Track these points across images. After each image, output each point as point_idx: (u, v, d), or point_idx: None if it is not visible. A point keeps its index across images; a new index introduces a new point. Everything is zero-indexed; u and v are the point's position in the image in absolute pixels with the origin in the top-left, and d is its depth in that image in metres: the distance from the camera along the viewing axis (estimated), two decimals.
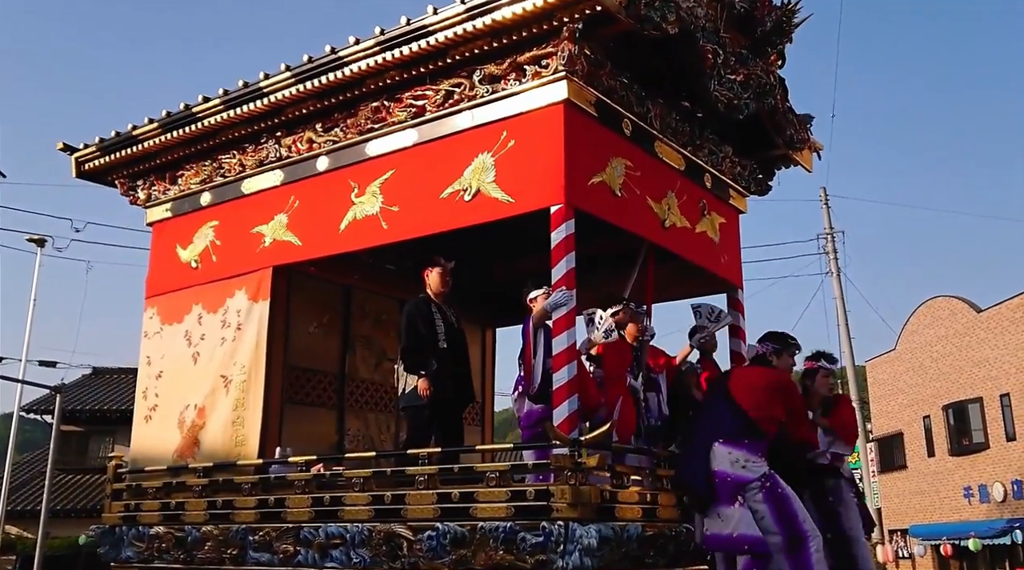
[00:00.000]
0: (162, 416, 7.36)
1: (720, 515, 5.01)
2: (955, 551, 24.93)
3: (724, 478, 5.03)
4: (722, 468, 5.05)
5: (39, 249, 22.63)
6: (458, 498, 5.29)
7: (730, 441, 5.10)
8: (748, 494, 5.01)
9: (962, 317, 25.75)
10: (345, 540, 5.69)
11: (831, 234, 23.60)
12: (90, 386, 28.85)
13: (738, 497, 5.01)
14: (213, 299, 7.26)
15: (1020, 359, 23.14)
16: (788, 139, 7.32)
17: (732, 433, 5.13)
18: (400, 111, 6.38)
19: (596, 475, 5.04)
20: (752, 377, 5.46)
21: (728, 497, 5.01)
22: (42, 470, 23.90)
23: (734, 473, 5.02)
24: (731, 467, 5.03)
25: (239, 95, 6.86)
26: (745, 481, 5.03)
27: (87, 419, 27.10)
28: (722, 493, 5.00)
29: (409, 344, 6.07)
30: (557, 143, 5.57)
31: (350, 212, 6.54)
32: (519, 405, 5.78)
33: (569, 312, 5.43)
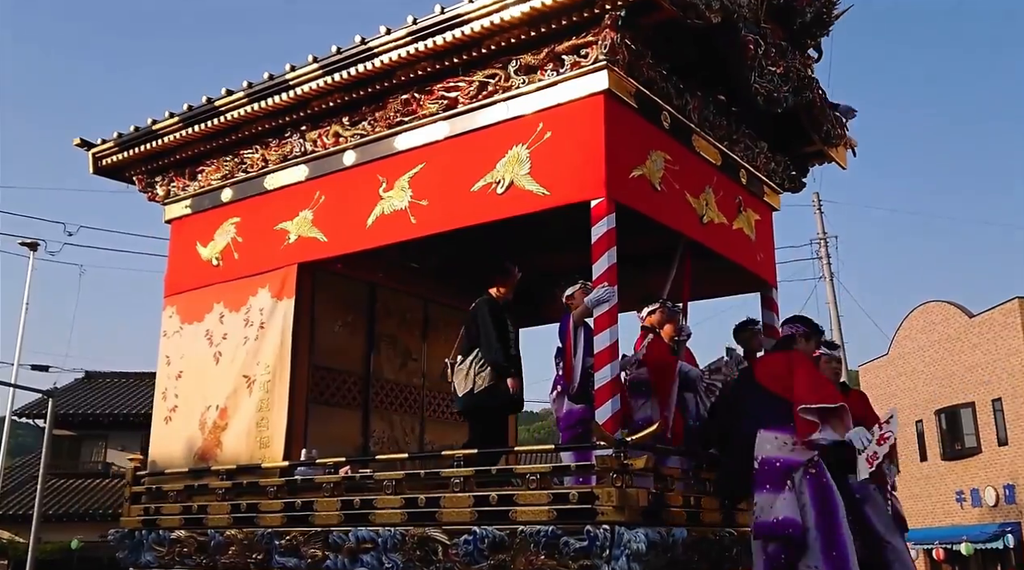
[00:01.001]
0: (182, 417, 7.18)
1: (768, 502, 4.84)
2: (947, 555, 24.96)
3: (773, 463, 4.87)
4: (770, 454, 4.88)
5: (32, 253, 22.49)
6: (496, 501, 5.11)
7: (775, 426, 4.92)
8: (795, 478, 4.84)
9: (954, 322, 25.75)
10: (376, 544, 5.51)
11: (824, 239, 23.51)
12: (82, 390, 28.74)
13: (788, 481, 4.85)
14: (235, 297, 7.09)
15: (1012, 364, 23.18)
16: (825, 134, 7.15)
17: (775, 419, 4.96)
18: (431, 103, 6.21)
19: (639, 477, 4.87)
20: (777, 362, 5.29)
21: (778, 482, 4.84)
22: (34, 474, 23.78)
23: (784, 456, 4.87)
24: (779, 451, 4.88)
25: (264, 88, 6.70)
26: (796, 463, 4.87)
27: (79, 423, 27.01)
28: (772, 479, 4.84)
29: (497, 343, 5.87)
30: (597, 135, 5.40)
31: (378, 207, 6.37)
32: (558, 405, 5.60)
33: (611, 309, 5.25)
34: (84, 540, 23.94)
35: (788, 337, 5.51)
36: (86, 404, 27.53)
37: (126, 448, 27.15)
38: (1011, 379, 23.09)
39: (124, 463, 26.67)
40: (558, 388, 5.62)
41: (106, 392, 28.51)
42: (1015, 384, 23.12)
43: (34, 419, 26.63)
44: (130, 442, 27.19)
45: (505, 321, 6.09)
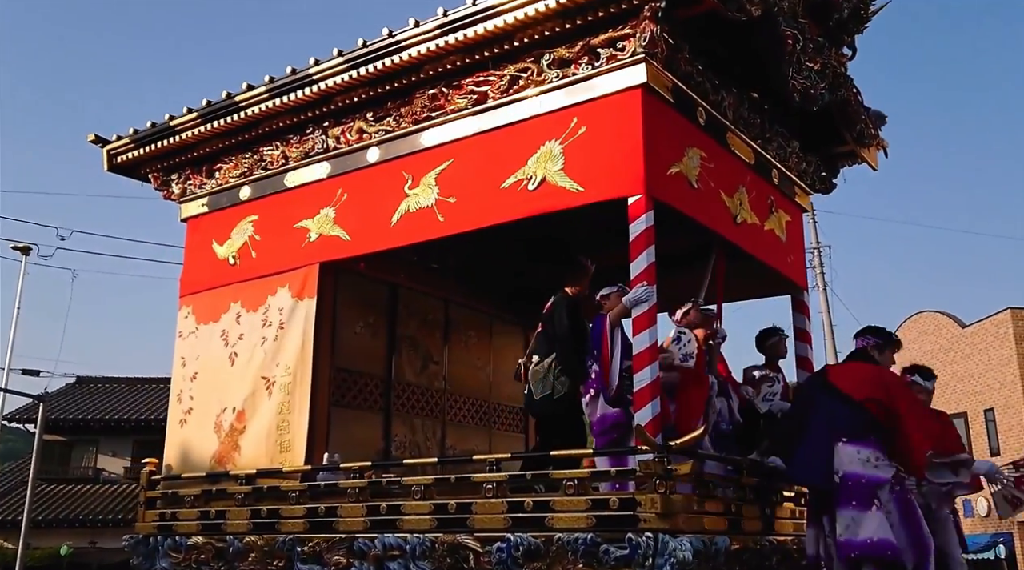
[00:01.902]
0: (198, 420, 7.00)
1: (855, 519, 4.66)
2: None
3: (858, 479, 4.70)
4: (853, 469, 4.73)
5: (24, 257, 22.32)
6: (531, 507, 4.94)
7: (855, 440, 4.78)
8: (882, 496, 4.68)
9: (947, 332, 25.71)
10: (404, 552, 5.33)
11: (818, 248, 23.36)
12: (74, 395, 28.49)
13: (875, 499, 4.69)
14: (253, 297, 6.92)
15: (1004, 374, 23.14)
16: (858, 134, 7.00)
17: (855, 431, 4.81)
18: (459, 98, 6.05)
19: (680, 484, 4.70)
20: (862, 371, 5.12)
21: (864, 500, 4.68)
22: (24, 479, 23.58)
23: (868, 473, 4.71)
24: (863, 467, 4.72)
25: (286, 83, 6.54)
26: (881, 481, 4.73)
27: (70, 428, 26.75)
28: (857, 496, 4.67)
29: (576, 346, 5.67)
30: (635, 130, 5.25)
31: (403, 204, 6.21)
32: (591, 409, 5.42)
33: (651, 309, 5.09)
34: (74, 546, 23.73)
35: (861, 350, 5.35)
36: (77, 409, 27.28)
37: (117, 454, 27.03)
38: (1003, 389, 23.09)
39: (115, 468, 26.68)
40: (591, 391, 5.44)
41: (97, 397, 28.28)
42: (1007, 394, 23.13)
43: (25, 424, 26.52)
44: (121, 448, 27.09)
45: (583, 322, 5.90)
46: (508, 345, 8.61)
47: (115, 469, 27.02)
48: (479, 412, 8.16)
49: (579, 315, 5.97)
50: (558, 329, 5.83)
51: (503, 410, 8.44)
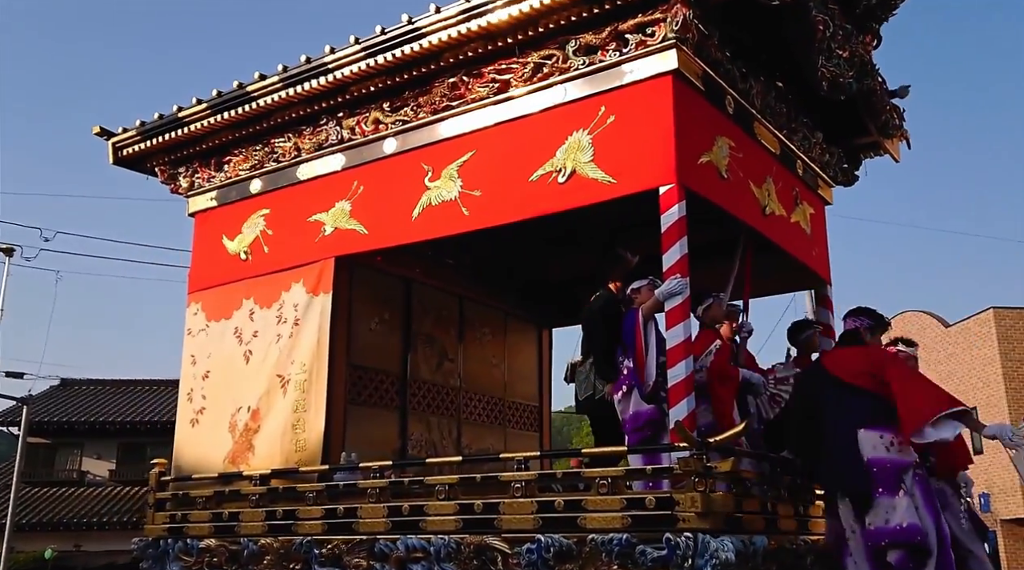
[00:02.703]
0: (210, 420, 6.81)
1: (883, 506, 4.54)
2: None
3: (883, 464, 4.59)
4: (877, 455, 4.60)
5: (7, 258, 22.05)
6: (562, 506, 4.77)
7: (874, 425, 4.65)
8: (907, 479, 4.56)
9: (931, 332, 25.70)
10: (428, 554, 5.16)
11: None
12: (58, 398, 28.20)
13: (901, 484, 4.57)
14: (266, 293, 6.74)
15: (987, 373, 23.14)
16: (882, 125, 6.86)
17: (870, 417, 4.69)
18: (481, 87, 5.89)
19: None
20: (853, 357, 4.99)
21: (892, 485, 4.57)
22: (7, 483, 23.32)
23: (891, 457, 4.60)
24: (887, 451, 4.61)
25: (300, 72, 6.37)
26: (905, 464, 4.62)
27: (55, 431, 26.50)
28: (884, 481, 4.56)
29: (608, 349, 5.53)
30: (666, 118, 5.10)
31: (424, 197, 6.04)
32: (624, 406, 5.26)
33: (684, 302, 4.94)
34: (58, 550, 23.47)
35: (852, 331, 5.23)
36: (61, 412, 27.01)
37: (102, 456, 26.78)
38: (986, 388, 23.09)
39: (100, 471, 26.41)
40: (623, 388, 5.29)
41: (82, 400, 28.02)
42: (990, 393, 23.11)
43: (8, 426, 26.03)
44: (106, 450, 26.85)
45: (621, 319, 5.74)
46: (522, 342, 8.47)
47: (100, 472, 26.79)
48: (494, 410, 8.01)
49: (615, 311, 5.80)
50: (593, 331, 5.68)
51: (518, 408, 8.28)
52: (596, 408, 5.68)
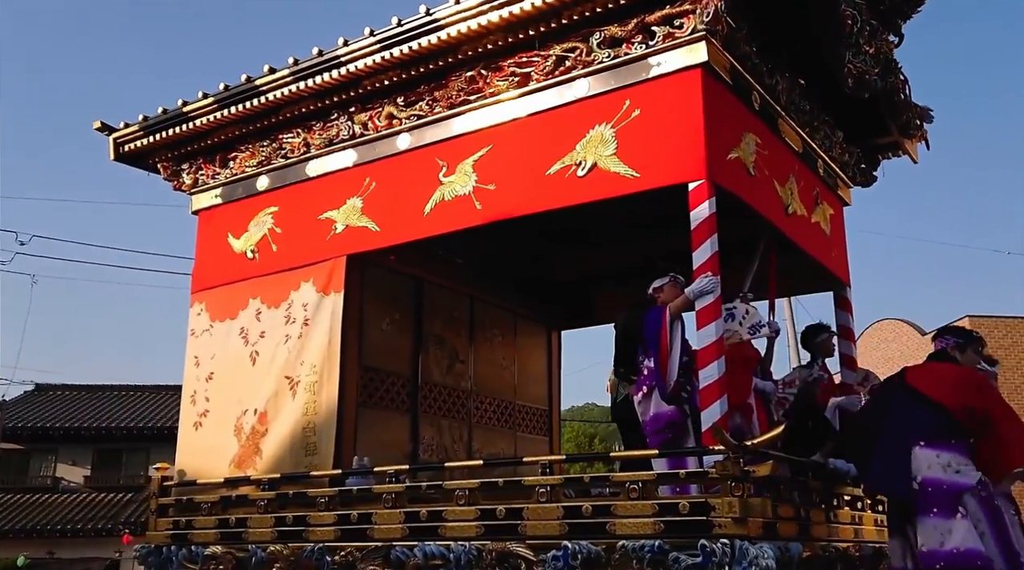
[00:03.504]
0: (215, 423, 6.61)
1: (938, 529, 4.37)
2: None
3: (939, 485, 4.42)
4: (933, 475, 4.44)
5: None
6: (590, 512, 4.61)
7: (934, 443, 4.49)
8: (968, 503, 4.39)
9: (907, 340, 25.72)
10: (448, 561, 4.98)
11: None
12: (32, 403, 27.84)
13: (959, 507, 4.40)
14: (274, 292, 6.55)
15: None
16: (903, 124, 6.75)
17: (934, 434, 4.52)
18: (500, 81, 5.74)
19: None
20: (943, 372, 4.84)
21: (947, 507, 4.39)
22: None
23: (949, 479, 4.42)
24: (944, 472, 4.44)
25: (312, 65, 6.20)
26: (964, 487, 4.43)
27: (28, 437, 26.09)
28: (939, 503, 4.38)
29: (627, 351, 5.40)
30: (695, 112, 4.96)
31: (437, 193, 5.88)
32: (644, 407, 5.10)
33: (715, 301, 4.79)
34: (31, 557, 23.02)
35: (940, 351, 5.08)
36: (35, 417, 26.62)
37: (77, 462, 26.40)
38: None
39: (74, 478, 26.00)
40: (643, 389, 5.13)
41: (57, 405, 27.63)
42: None
43: None
44: (81, 456, 26.48)
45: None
46: (532, 345, 8.32)
47: (74, 478, 26.39)
48: (504, 414, 7.84)
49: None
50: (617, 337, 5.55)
51: (528, 412, 8.12)
52: (615, 412, 5.54)
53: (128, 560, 23.64)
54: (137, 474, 26.03)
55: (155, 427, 25.86)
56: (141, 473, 25.80)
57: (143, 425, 25.98)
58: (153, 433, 25.76)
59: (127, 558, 23.62)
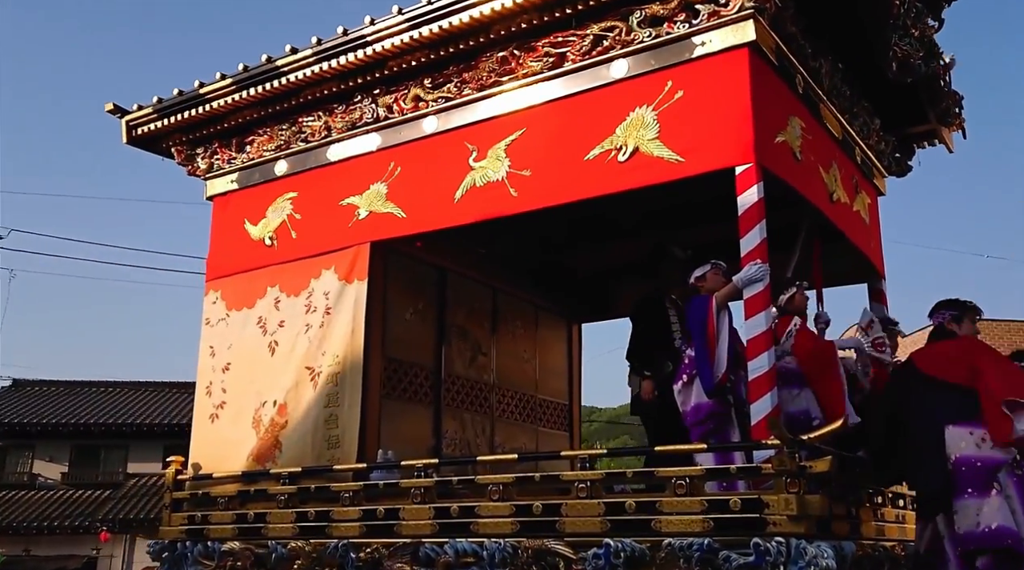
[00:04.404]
0: (232, 415, 6.40)
1: (972, 508, 4.22)
2: None
3: (972, 463, 4.28)
4: (966, 452, 4.29)
5: None
6: (634, 509, 4.41)
7: (965, 421, 4.33)
8: (1001, 478, 4.24)
9: None
10: (481, 558, 4.78)
11: None
12: (10, 399, 27.40)
13: (994, 483, 4.25)
14: (294, 280, 6.34)
15: None
16: (942, 112, 6.57)
17: (961, 413, 4.37)
18: (533, 61, 5.53)
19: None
20: (945, 350, 4.70)
21: (982, 484, 4.25)
22: None
23: (984, 455, 4.28)
24: (978, 449, 4.30)
25: (336, 45, 5.98)
26: (999, 462, 4.29)
27: (5, 433, 25.62)
28: (973, 481, 4.24)
29: (635, 342, 5.23)
30: (742, 94, 4.76)
31: (468, 178, 5.67)
32: (684, 397, 4.91)
33: (764, 290, 4.60)
34: (6, 554, 22.65)
35: (939, 327, 4.92)
36: (12, 413, 26.12)
37: (54, 459, 26.06)
38: None
39: (51, 474, 25.65)
40: (683, 378, 4.94)
41: (34, 401, 27.17)
42: None
43: None
44: (59, 453, 26.11)
45: (662, 315, 5.42)
46: (552, 338, 8.12)
47: (52, 475, 25.95)
48: (526, 408, 7.63)
49: (653, 309, 5.49)
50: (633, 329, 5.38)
51: (548, 406, 7.92)
52: (634, 406, 5.34)
53: (105, 558, 23.44)
54: (115, 471, 25.72)
55: (134, 424, 25.46)
56: (119, 470, 25.61)
57: (122, 422, 25.56)
58: (132, 430, 25.37)
59: (104, 556, 23.42)
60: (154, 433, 25.36)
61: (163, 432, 25.30)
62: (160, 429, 25.35)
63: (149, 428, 25.41)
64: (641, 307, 5.64)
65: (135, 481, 24.78)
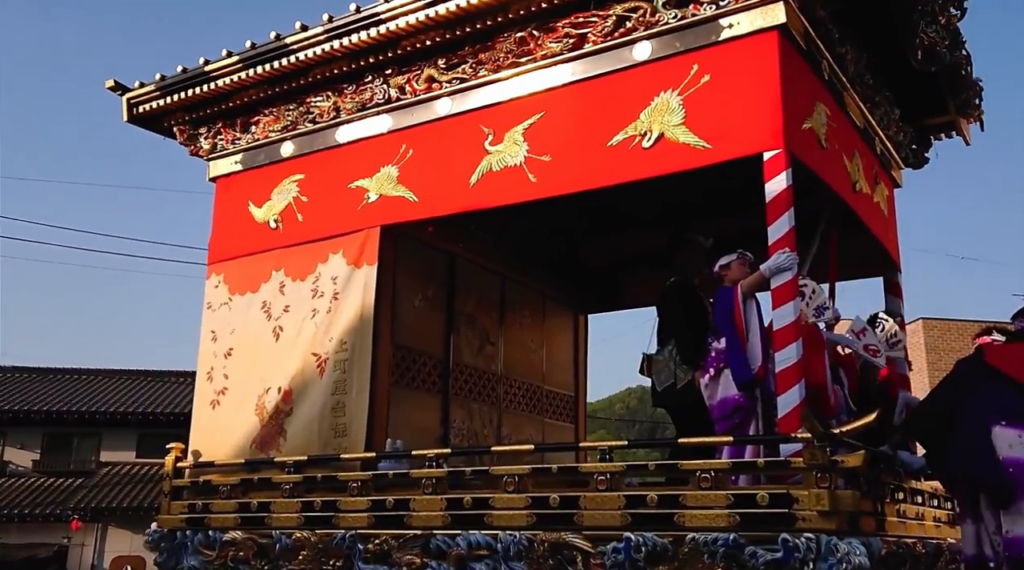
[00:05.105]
0: (234, 401, 6.24)
1: (1021, 511, 4.09)
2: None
3: (1021, 465, 4.13)
4: (1015, 454, 4.17)
5: None
6: (656, 502, 4.30)
7: (1015, 422, 4.21)
8: None
9: None
10: (495, 551, 4.67)
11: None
12: None
13: None
14: (300, 264, 6.18)
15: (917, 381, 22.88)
16: (962, 103, 6.46)
17: (1014, 413, 4.25)
18: (552, 42, 5.38)
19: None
20: (1021, 351, 4.55)
21: None
22: None
23: None
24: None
25: (348, 23, 5.81)
26: None
27: None
28: (1022, 484, 4.09)
29: (688, 333, 5.08)
30: (771, 78, 4.63)
31: (484, 162, 5.52)
32: (711, 390, 4.79)
33: (792, 279, 4.49)
34: None
35: (1020, 331, 4.79)
36: None
37: (25, 446, 25.80)
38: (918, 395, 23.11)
39: (22, 462, 25.32)
40: (710, 371, 4.82)
41: (6, 387, 26.83)
42: None
43: None
44: (30, 440, 25.84)
45: (700, 304, 5.29)
46: (559, 328, 7.99)
47: (23, 462, 25.66)
48: (532, 399, 7.50)
49: (692, 297, 5.36)
50: (671, 315, 5.23)
51: (554, 398, 7.79)
52: (676, 397, 5.22)
53: (76, 546, 23.18)
54: (88, 459, 25.48)
55: (108, 412, 25.20)
56: (92, 458, 25.38)
57: (95, 410, 25.30)
58: (106, 418, 25.11)
59: (75, 544, 23.15)
60: (128, 422, 25.16)
61: (137, 421, 25.13)
62: (134, 418, 25.14)
63: (123, 416, 25.17)
64: (677, 294, 5.48)
65: (108, 469, 24.62)
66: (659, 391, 5.32)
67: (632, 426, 45.60)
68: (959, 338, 23.33)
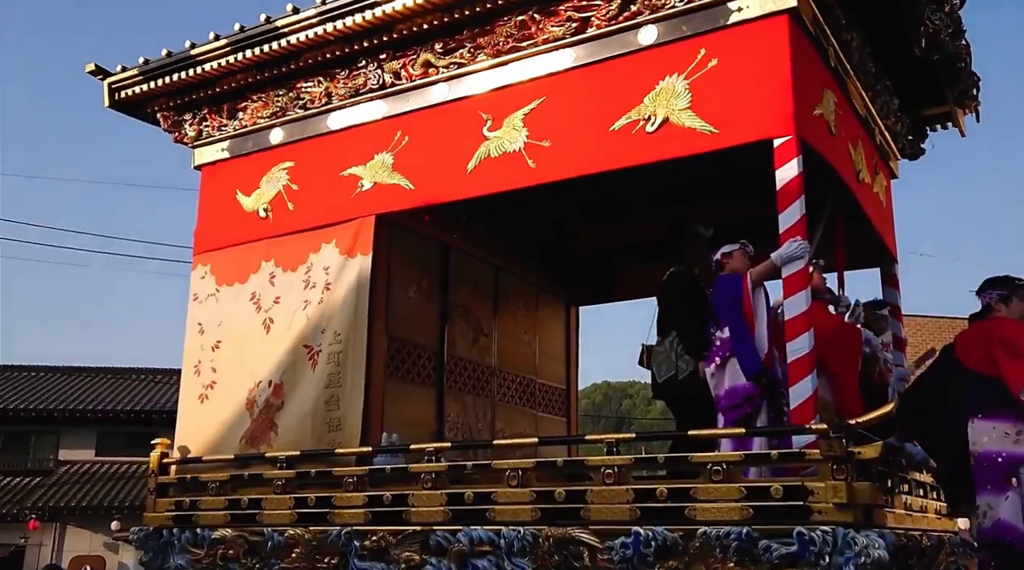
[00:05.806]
0: (223, 395, 6.06)
1: (991, 505, 4.04)
2: None
3: (994, 458, 4.06)
4: (990, 447, 4.08)
5: None
6: (666, 495, 4.19)
7: (988, 414, 4.12)
8: (1021, 475, 4.05)
9: None
10: (497, 546, 4.55)
11: None
12: None
13: (1012, 478, 4.05)
14: (290, 254, 6.01)
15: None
16: (960, 94, 6.42)
17: (985, 404, 4.15)
18: (554, 26, 5.25)
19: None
20: (970, 337, 4.43)
21: (1001, 481, 4.05)
22: None
23: (1006, 450, 4.06)
24: (1001, 443, 4.07)
25: (341, 5, 5.64)
26: (1020, 458, 4.06)
27: None
28: (993, 478, 4.04)
29: (693, 323, 4.97)
30: (782, 62, 4.54)
31: (482, 148, 5.39)
32: (717, 380, 4.70)
33: (803, 268, 4.40)
34: None
35: (984, 308, 4.68)
36: None
37: None
38: None
39: None
40: (716, 361, 4.73)
41: None
42: None
43: None
44: None
45: (702, 294, 5.20)
46: (551, 320, 7.88)
47: None
48: (525, 392, 7.39)
49: (695, 288, 5.27)
50: (674, 305, 5.14)
51: (546, 391, 7.68)
52: (678, 389, 5.12)
53: (34, 546, 22.65)
54: (45, 458, 24.89)
55: (66, 410, 24.56)
56: (50, 457, 24.80)
57: (53, 407, 24.65)
58: (64, 416, 24.47)
59: (33, 545, 22.59)
60: (87, 419, 24.56)
61: (96, 419, 24.55)
62: (93, 416, 24.53)
63: (82, 414, 24.51)
64: (679, 284, 5.39)
65: (66, 468, 24.08)
66: (660, 383, 5.23)
67: (598, 421, 45.62)
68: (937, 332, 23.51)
